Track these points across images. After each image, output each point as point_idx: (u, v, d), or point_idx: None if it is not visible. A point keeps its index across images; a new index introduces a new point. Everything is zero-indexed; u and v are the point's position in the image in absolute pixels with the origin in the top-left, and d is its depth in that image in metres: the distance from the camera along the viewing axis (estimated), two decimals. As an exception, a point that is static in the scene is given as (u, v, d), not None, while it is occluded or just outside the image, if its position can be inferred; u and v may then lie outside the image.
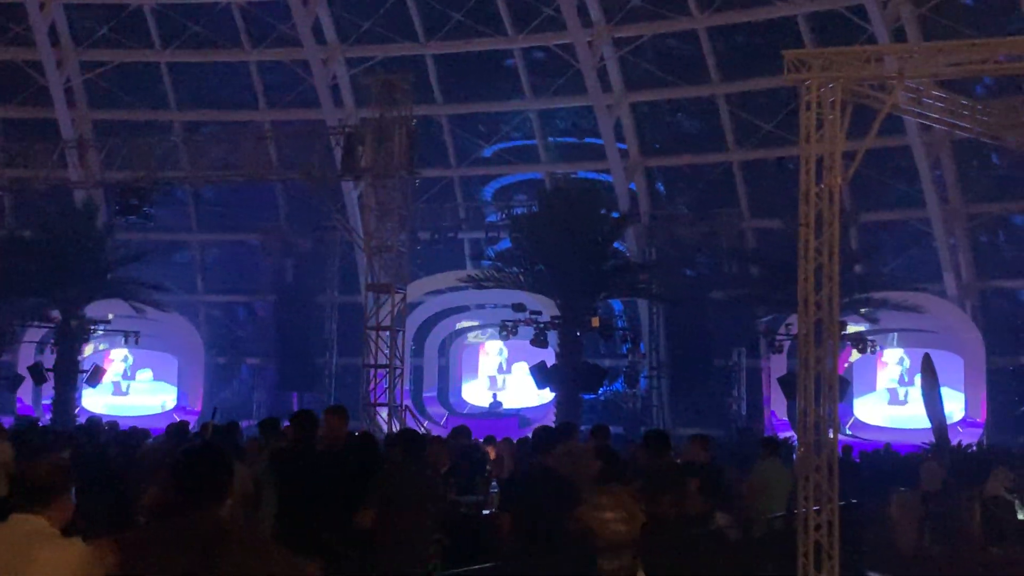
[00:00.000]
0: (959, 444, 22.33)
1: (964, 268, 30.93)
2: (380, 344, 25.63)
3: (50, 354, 31.90)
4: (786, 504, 13.18)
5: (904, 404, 31.28)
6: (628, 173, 33.96)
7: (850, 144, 12.93)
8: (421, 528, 8.72)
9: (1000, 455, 21.67)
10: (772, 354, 30.59)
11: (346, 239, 34.45)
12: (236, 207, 36.95)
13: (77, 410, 31.47)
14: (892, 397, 31.92)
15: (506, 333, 30.20)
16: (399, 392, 25.81)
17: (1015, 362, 31.15)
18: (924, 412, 24.68)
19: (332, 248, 36.02)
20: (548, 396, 30.92)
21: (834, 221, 12.56)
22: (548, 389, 30.24)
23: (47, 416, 31.15)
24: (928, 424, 24.28)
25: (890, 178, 30.69)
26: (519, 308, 29.41)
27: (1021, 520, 18.32)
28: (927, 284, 30.56)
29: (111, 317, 32.49)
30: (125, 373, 36.64)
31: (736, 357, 32.64)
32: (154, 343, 34.95)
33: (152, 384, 36.58)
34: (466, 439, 15.21)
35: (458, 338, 36.23)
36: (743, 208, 33.20)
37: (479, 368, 36.04)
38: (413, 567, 8.71)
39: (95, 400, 34.08)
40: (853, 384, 30.14)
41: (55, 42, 35.79)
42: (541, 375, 29.59)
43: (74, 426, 25.21)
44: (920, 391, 25.41)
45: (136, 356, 36.13)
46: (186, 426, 13.81)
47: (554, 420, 27.89)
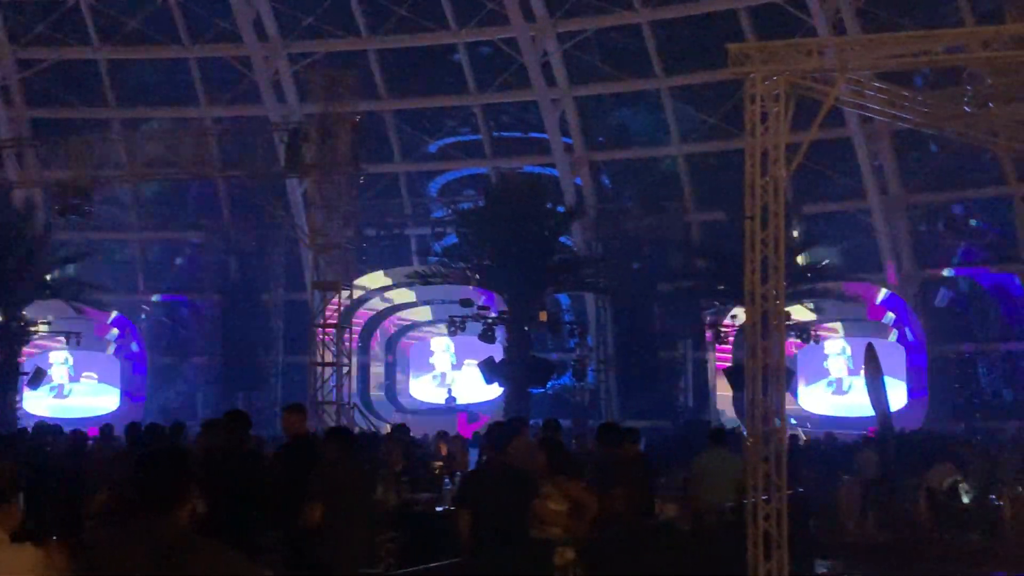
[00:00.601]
0: (902, 431, 22.62)
1: (905, 257, 31.33)
2: (327, 342, 25.49)
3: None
4: (734, 494, 13.16)
5: (847, 393, 31.63)
6: (574, 167, 34.05)
7: (793, 136, 13.04)
8: (359, 525, 8.69)
9: (941, 442, 22.01)
10: (718, 345, 30.84)
11: (291, 236, 34.24)
12: (178, 205, 36.56)
13: (18, 413, 30.96)
14: (836, 387, 32.28)
15: (454, 329, 30.17)
16: (346, 390, 25.69)
17: (955, 350, 31.63)
18: (868, 401, 24.93)
19: (277, 245, 35.76)
20: (497, 391, 30.93)
21: (780, 213, 12.65)
22: (497, 384, 30.25)
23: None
24: (872, 412, 24.54)
25: (831, 169, 31.00)
26: (467, 304, 29.39)
27: (965, 505, 18.62)
28: (869, 274, 30.93)
29: (50, 319, 31.97)
30: (68, 375, 36.09)
31: (682, 349, 32.89)
32: (96, 344, 34.49)
33: (94, 386, 36.06)
34: (406, 436, 15.18)
35: (405, 335, 36.09)
36: (688, 201, 33.40)
37: (427, 364, 35.92)
38: (359, 565, 8.67)
39: (36, 403, 33.54)
40: (798, 374, 30.43)
41: (-9, 40, 35.24)
42: (489, 370, 29.60)
43: (16, 429, 24.79)
44: (864, 380, 25.66)
45: (77, 358, 35.58)
46: (138, 427, 13.63)
47: (503, 415, 27.94)
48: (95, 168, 27.64)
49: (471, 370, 32.28)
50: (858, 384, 29.95)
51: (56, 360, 35.39)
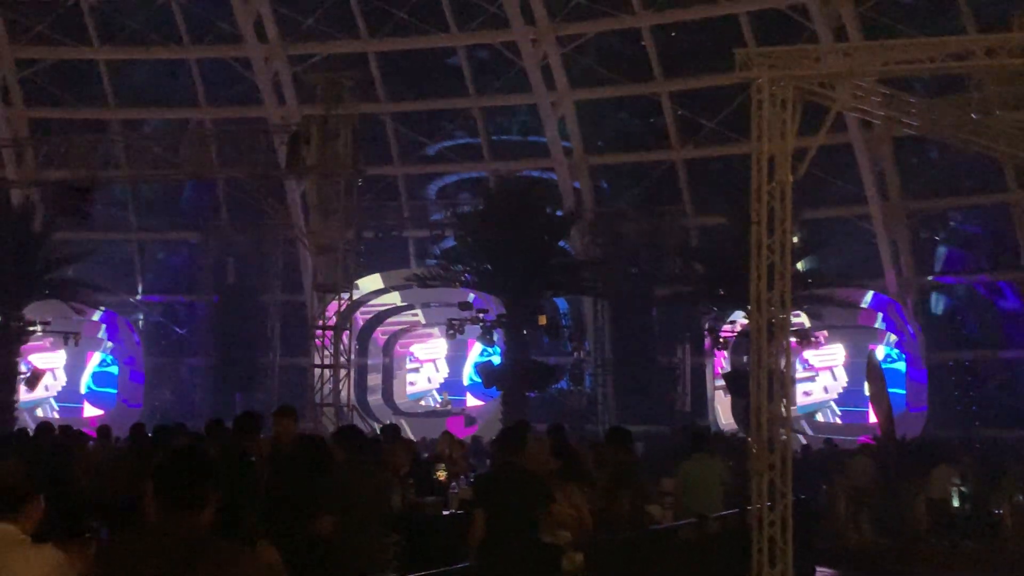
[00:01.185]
0: (903, 438, 22.64)
1: (904, 264, 31.33)
2: (325, 344, 25.45)
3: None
4: (721, 499, 12.90)
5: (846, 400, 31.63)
6: (572, 171, 34.02)
7: (798, 142, 13.05)
8: (369, 529, 8.62)
9: (941, 449, 22.01)
10: (716, 351, 30.82)
11: (288, 237, 34.18)
12: (175, 205, 36.49)
13: (16, 413, 30.88)
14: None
15: (452, 332, 30.13)
16: (344, 392, 25.65)
17: (955, 357, 31.62)
18: (870, 408, 24.97)
19: (274, 247, 35.71)
20: (493, 394, 30.88)
21: (786, 219, 12.67)
22: (494, 387, 30.22)
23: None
24: (873, 419, 24.58)
25: (831, 175, 30.99)
26: (465, 307, 29.36)
27: (964, 511, 18.65)
28: (869, 280, 30.91)
29: (48, 319, 31.90)
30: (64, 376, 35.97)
31: (680, 354, 32.83)
32: (92, 344, 34.41)
33: (89, 386, 35.96)
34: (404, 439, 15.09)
35: (402, 337, 36.04)
36: (687, 205, 33.38)
37: (423, 367, 35.86)
38: (364, 569, 8.61)
39: (33, 403, 33.45)
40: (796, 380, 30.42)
41: (-10, 39, 35.15)
42: (487, 374, 29.58)
43: (16, 429, 24.69)
44: (866, 387, 25.68)
45: (74, 358, 35.46)
46: (143, 428, 13.54)
47: (501, 419, 27.91)
48: (94, 169, 27.59)
49: (468, 373, 32.27)
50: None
51: (52, 361, 35.30)
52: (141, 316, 37.28)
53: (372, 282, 33.52)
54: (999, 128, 15.98)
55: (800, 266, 29.48)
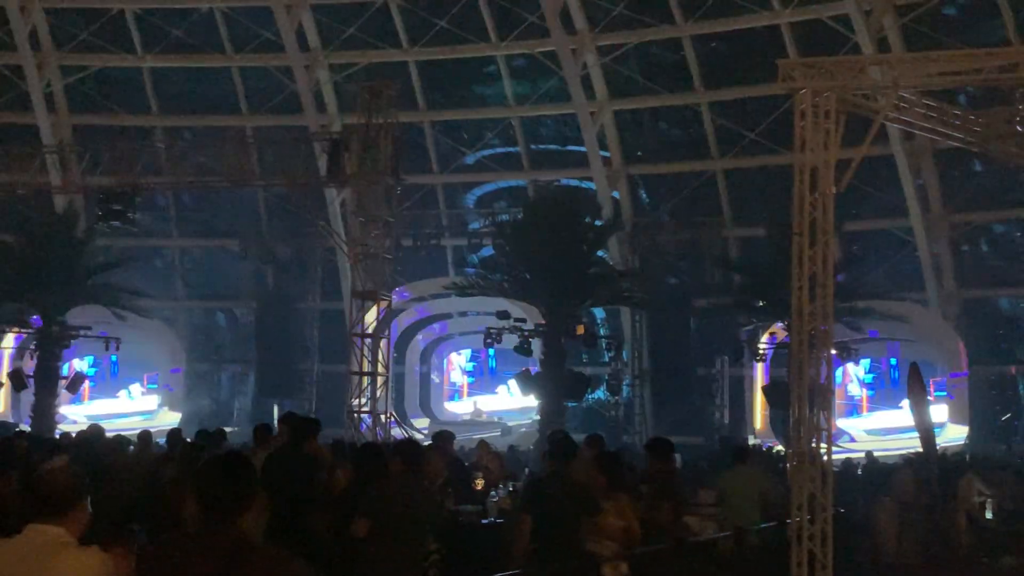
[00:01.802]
0: (944, 453, 22.39)
1: (946, 277, 31.03)
2: (364, 351, 25.50)
3: (31, 360, 31.62)
4: (760, 512, 12.80)
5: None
6: (611, 181, 33.97)
7: (839, 153, 12.96)
8: (415, 540, 8.64)
9: (981, 464, 21.75)
10: (755, 362, 30.66)
11: (327, 245, 34.33)
12: (216, 213, 36.76)
13: (56, 417, 31.18)
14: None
15: (490, 341, 30.14)
16: (383, 400, 25.69)
17: (997, 371, 31.28)
18: (912, 422, 24.70)
19: (313, 254, 35.91)
20: (530, 404, 30.84)
21: (829, 230, 12.58)
22: (532, 397, 30.20)
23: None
24: (915, 433, 24.30)
25: (872, 187, 30.79)
26: (503, 316, 29.36)
27: (1001, 527, 18.38)
28: (910, 293, 30.64)
29: (90, 324, 32.19)
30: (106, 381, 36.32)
31: (719, 365, 32.68)
32: (134, 350, 34.73)
33: (132, 391, 36.30)
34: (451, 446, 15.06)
35: (440, 345, 36.12)
36: (726, 216, 33.24)
37: (461, 376, 35.94)
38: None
39: (74, 407, 33.78)
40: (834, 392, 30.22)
41: (36, 46, 35.52)
42: (524, 383, 29.55)
43: (58, 433, 24.93)
44: (908, 400, 25.43)
45: (115, 363, 35.80)
46: (179, 433, 13.64)
47: (539, 428, 27.89)
48: (137, 175, 27.83)
49: (506, 382, 32.27)
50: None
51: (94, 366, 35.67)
52: (181, 322, 37.52)
53: (411, 290, 33.61)
54: (1044, 141, 15.82)
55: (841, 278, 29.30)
